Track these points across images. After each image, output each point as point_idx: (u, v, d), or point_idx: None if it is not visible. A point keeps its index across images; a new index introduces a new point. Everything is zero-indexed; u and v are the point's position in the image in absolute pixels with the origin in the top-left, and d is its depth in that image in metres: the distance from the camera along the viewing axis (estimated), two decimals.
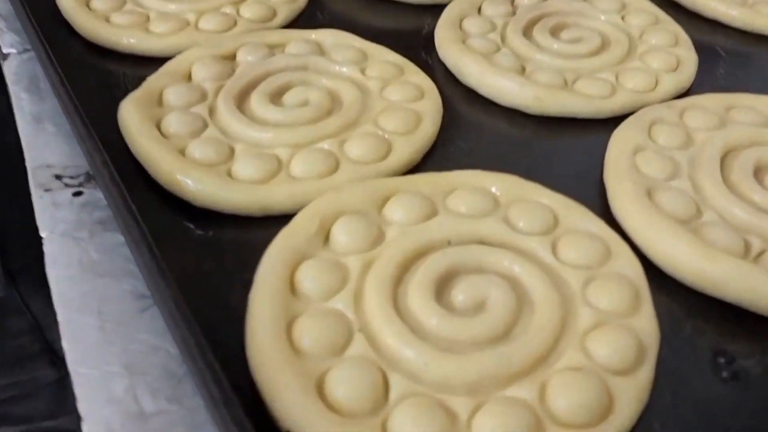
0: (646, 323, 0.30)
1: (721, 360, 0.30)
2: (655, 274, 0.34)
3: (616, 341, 0.29)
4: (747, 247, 0.34)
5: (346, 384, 0.27)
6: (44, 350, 0.92)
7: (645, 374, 0.29)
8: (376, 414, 0.27)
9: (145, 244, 0.30)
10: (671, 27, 0.50)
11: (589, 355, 0.29)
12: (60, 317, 0.31)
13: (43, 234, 0.35)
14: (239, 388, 0.27)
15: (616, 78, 0.45)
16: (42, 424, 0.97)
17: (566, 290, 0.32)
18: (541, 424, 0.26)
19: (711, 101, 0.43)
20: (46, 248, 0.34)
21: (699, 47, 0.49)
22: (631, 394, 0.28)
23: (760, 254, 0.33)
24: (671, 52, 0.47)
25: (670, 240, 0.33)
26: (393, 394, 0.27)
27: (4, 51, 0.48)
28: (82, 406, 0.28)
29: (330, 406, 0.27)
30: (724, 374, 0.30)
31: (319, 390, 0.27)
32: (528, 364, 0.28)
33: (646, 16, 0.51)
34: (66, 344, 0.30)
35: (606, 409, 0.27)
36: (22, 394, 0.95)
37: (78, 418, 0.27)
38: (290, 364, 0.27)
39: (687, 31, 0.50)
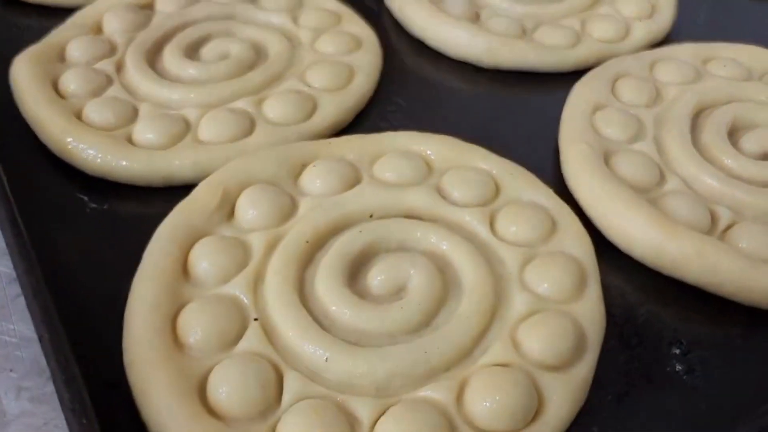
0: (590, 309, 0.27)
1: (676, 350, 0.27)
2: (608, 251, 0.30)
3: (552, 332, 0.25)
4: (714, 219, 0.30)
5: (231, 383, 0.23)
6: None
7: (583, 370, 0.25)
8: (265, 419, 0.23)
9: (8, 219, 0.27)
10: None
11: (519, 348, 0.25)
12: None
13: None
14: (112, 387, 0.24)
15: (582, 26, 0.41)
16: None
17: (501, 271, 0.28)
18: (455, 428, 0.23)
19: (686, 52, 0.39)
20: None
21: None
22: (565, 394, 0.24)
23: (727, 228, 0.30)
24: None
25: (625, 212, 0.30)
26: (287, 396, 0.24)
27: None
28: None
29: (211, 410, 0.23)
30: (679, 367, 0.26)
31: (201, 390, 0.24)
32: (448, 359, 0.25)
33: None
34: None
35: (533, 412, 0.24)
36: None
37: None
38: (168, 359, 0.24)
39: None
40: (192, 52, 0.38)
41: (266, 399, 0.23)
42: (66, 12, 0.41)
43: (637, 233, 0.29)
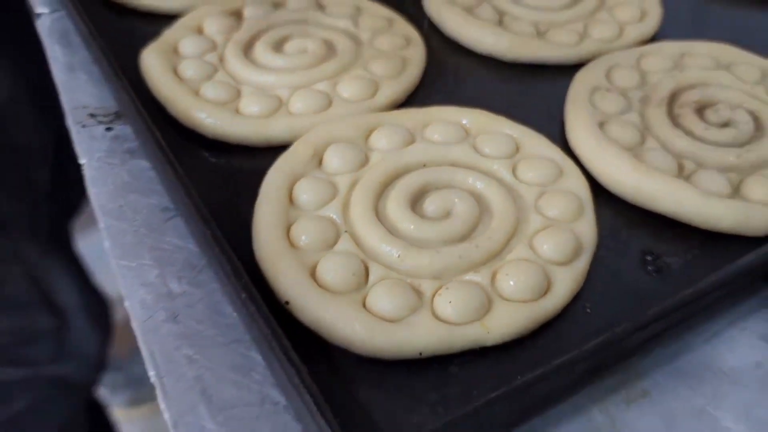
0: (587, 228, 0.38)
1: (649, 257, 0.38)
2: (602, 193, 0.41)
3: (558, 238, 0.36)
4: (680, 168, 0.41)
5: (333, 269, 0.35)
6: (41, 299, 0.97)
7: (581, 265, 0.36)
8: (358, 292, 0.34)
9: (168, 164, 0.38)
10: None
11: (534, 250, 0.36)
12: (102, 224, 0.39)
13: (82, 161, 0.43)
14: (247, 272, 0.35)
15: (585, 28, 0.52)
16: (44, 368, 1.03)
17: (521, 202, 0.39)
18: (491, 299, 0.34)
19: (668, 48, 0.50)
20: (87, 172, 0.42)
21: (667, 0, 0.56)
22: (567, 280, 0.35)
23: (691, 174, 0.41)
24: (638, 5, 0.54)
25: (613, 161, 0.41)
26: (372, 277, 0.35)
27: (37, 11, 0.56)
28: (124, 289, 0.36)
29: (320, 285, 0.34)
30: (650, 268, 0.37)
31: (312, 274, 0.35)
32: (484, 257, 0.36)
33: None
34: (108, 244, 0.38)
35: (544, 290, 0.35)
36: (23, 339, 0.99)
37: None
38: (287, 254, 0.35)
39: None
40: (277, 47, 0.50)
41: (358, 280, 0.34)
42: (168, 18, 0.53)
43: (622, 177, 0.40)
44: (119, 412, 1.47)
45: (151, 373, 0.33)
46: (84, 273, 1.07)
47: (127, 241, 0.38)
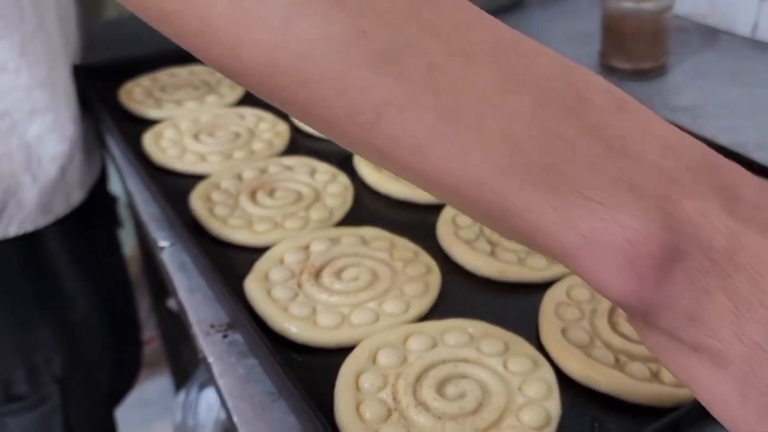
0: (554, 404, 0.59)
1: (596, 424, 0.59)
2: (564, 378, 0.62)
3: (534, 413, 0.57)
4: (617, 360, 0.63)
5: None
6: None
7: (550, 431, 0.57)
8: None
9: (277, 363, 0.60)
10: None
11: (520, 420, 0.57)
12: (230, 404, 0.60)
13: (210, 359, 0.65)
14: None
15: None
16: None
17: (510, 386, 0.61)
18: None
19: None
20: (214, 368, 0.64)
21: None
22: None
23: (624, 364, 0.62)
24: None
25: (571, 358, 0.63)
26: None
27: (160, 245, 0.80)
28: None
29: None
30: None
31: None
32: (487, 426, 0.57)
33: None
34: (236, 418, 0.59)
35: None
36: None
37: None
38: (358, 425, 0.56)
39: None
40: (338, 274, 0.73)
41: None
42: (257, 249, 0.77)
43: (577, 368, 0.62)
44: None
45: None
46: None
47: (248, 416, 0.59)
